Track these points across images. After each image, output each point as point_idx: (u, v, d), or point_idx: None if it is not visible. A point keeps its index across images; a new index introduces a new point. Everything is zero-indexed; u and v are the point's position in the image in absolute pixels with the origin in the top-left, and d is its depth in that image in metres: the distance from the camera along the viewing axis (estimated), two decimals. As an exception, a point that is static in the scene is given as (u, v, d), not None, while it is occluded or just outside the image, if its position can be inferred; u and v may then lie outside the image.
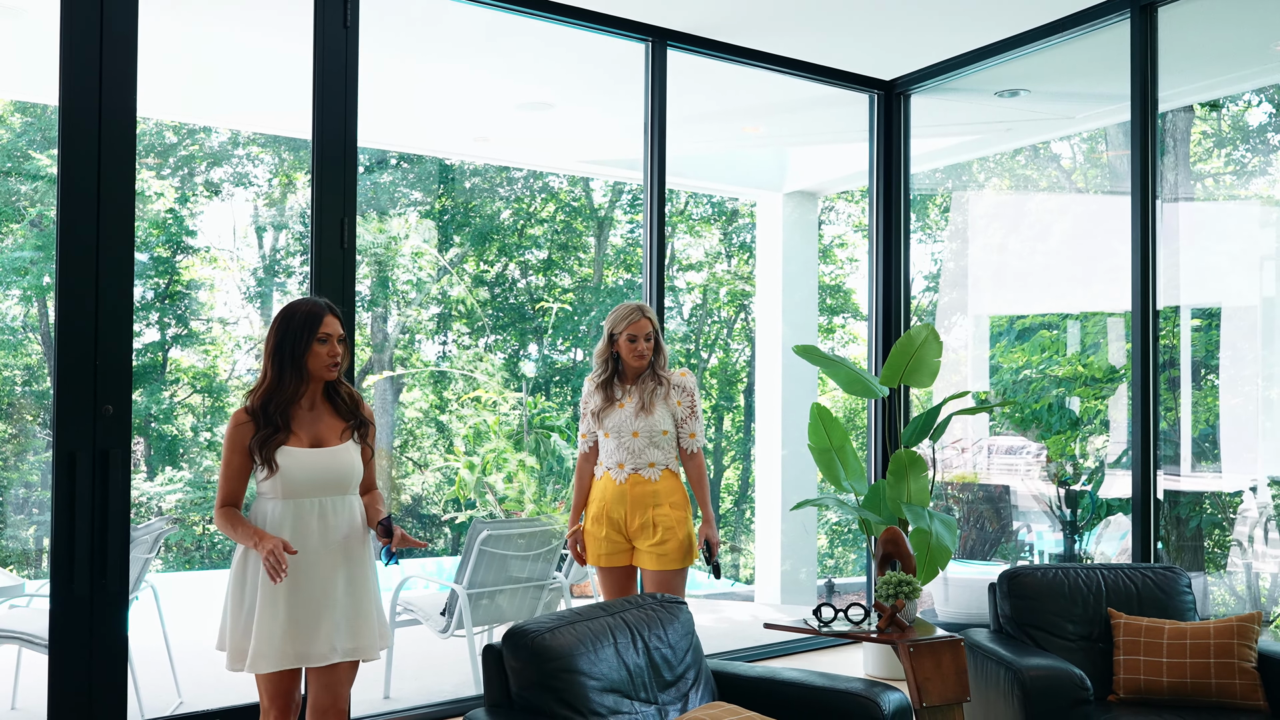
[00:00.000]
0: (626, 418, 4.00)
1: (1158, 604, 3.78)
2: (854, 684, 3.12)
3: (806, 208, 8.39)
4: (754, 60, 5.50)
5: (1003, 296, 8.98)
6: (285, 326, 3.08)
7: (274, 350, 3.07)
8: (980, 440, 8.31)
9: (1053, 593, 3.78)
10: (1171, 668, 3.45)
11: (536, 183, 13.33)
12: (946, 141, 7.30)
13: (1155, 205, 4.69)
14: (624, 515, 4.00)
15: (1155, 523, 4.64)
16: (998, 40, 5.29)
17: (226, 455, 3.07)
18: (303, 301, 3.13)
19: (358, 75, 4.24)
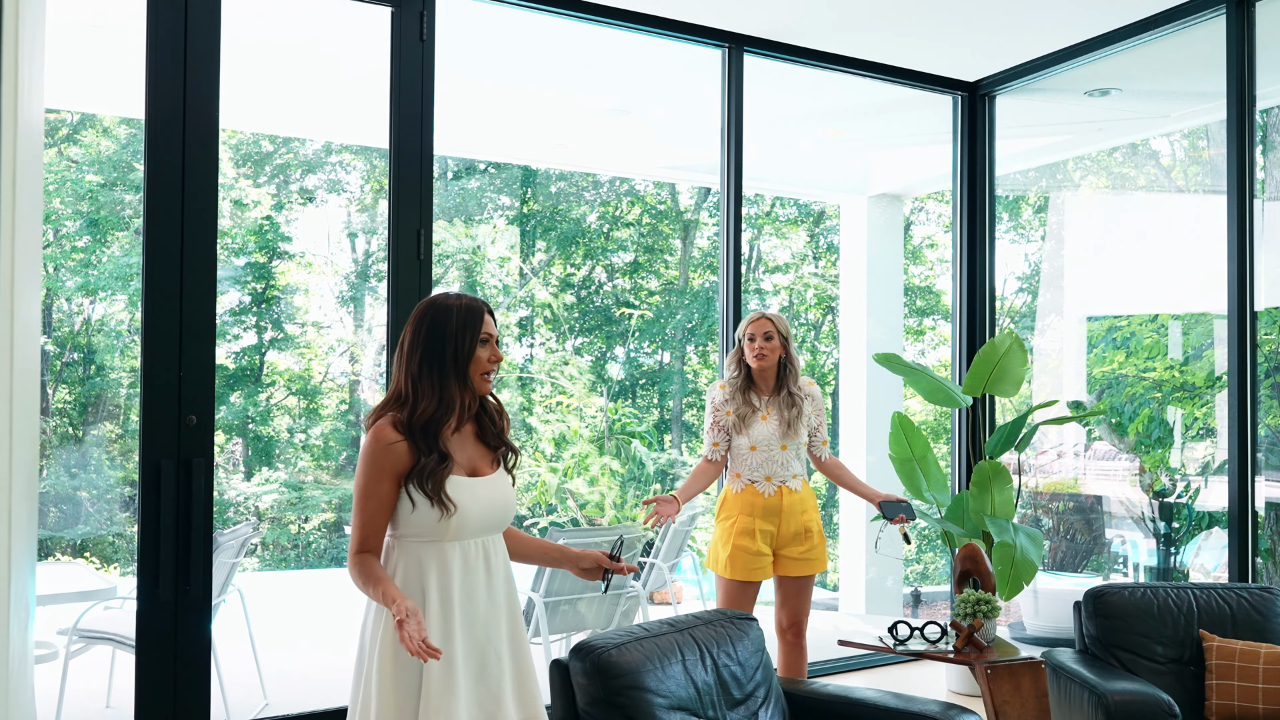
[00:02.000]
0: (772, 432, 4.02)
1: (1254, 626, 3.62)
2: (929, 706, 3.05)
3: (891, 210, 8.26)
4: (832, 64, 5.43)
5: (1100, 298, 8.74)
6: (440, 326, 2.46)
7: (427, 355, 2.44)
8: (1074, 446, 8.10)
9: (1141, 613, 3.64)
10: (1268, 694, 3.31)
11: (622, 186, 13.36)
12: (1036, 142, 7.13)
13: (1252, 204, 4.51)
14: (777, 527, 4.01)
15: (1254, 537, 4.46)
16: (1085, 40, 5.14)
17: (368, 484, 2.37)
18: (451, 296, 2.53)
19: (433, 88, 4.28)
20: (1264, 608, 3.67)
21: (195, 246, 3.82)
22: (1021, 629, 6.67)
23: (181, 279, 3.80)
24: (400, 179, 4.23)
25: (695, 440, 13.46)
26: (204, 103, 3.83)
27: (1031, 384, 8.45)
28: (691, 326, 13.35)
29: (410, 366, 2.45)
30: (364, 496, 2.38)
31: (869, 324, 8.10)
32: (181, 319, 3.80)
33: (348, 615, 7.70)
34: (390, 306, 4.22)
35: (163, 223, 3.77)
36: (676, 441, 13.31)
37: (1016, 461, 5.37)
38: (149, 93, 3.77)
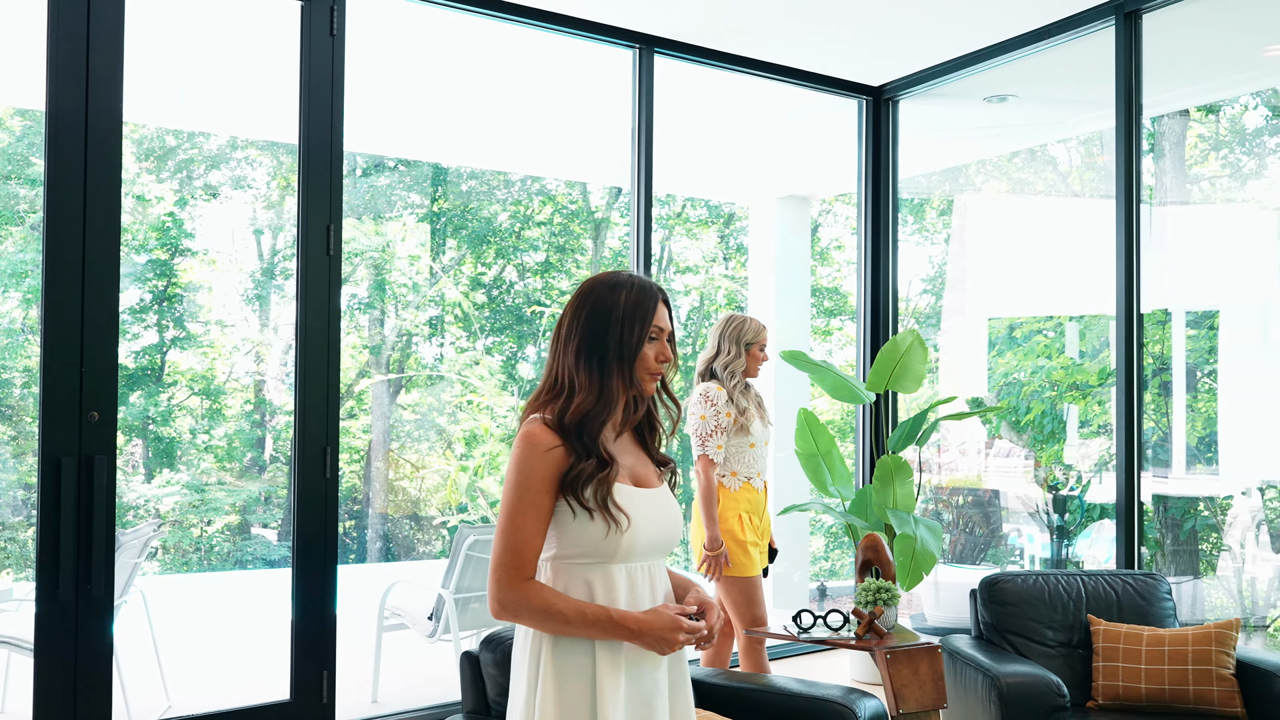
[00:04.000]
0: (763, 430, 4.19)
1: (1138, 611, 3.79)
2: (831, 691, 3.13)
3: (799, 212, 8.41)
4: (742, 66, 5.53)
5: (1001, 299, 9.00)
6: (604, 311, 2.07)
7: (586, 343, 2.06)
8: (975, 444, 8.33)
9: (1033, 599, 3.79)
10: (1150, 675, 3.47)
11: (534, 185, 13.35)
12: (939, 146, 7.32)
13: (1139, 209, 4.71)
14: (762, 520, 4.20)
15: (1140, 527, 4.65)
16: (983, 47, 5.31)
17: (528, 495, 1.98)
18: (622, 275, 2.13)
19: (344, 83, 4.26)
20: (1148, 593, 3.84)
21: (97, 242, 3.75)
22: (923, 620, 6.86)
23: (84, 275, 3.73)
24: (310, 174, 4.20)
25: (606, 439, 13.49)
26: (107, 95, 3.76)
27: (936, 383, 8.68)
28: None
29: (567, 355, 2.07)
30: (519, 511, 1.97)
31: (777, 324, 8.23)
32: (83, 315, 3.73)
33: (251, 617, 7.60)
34: (300, 303, 4.19)
35: (64, 218, 3.70)
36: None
37: (918, 457, 5.52)
38: (50, 84, 3.69)
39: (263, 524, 11.23)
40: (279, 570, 10.06)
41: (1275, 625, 7.08)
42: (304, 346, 4.17)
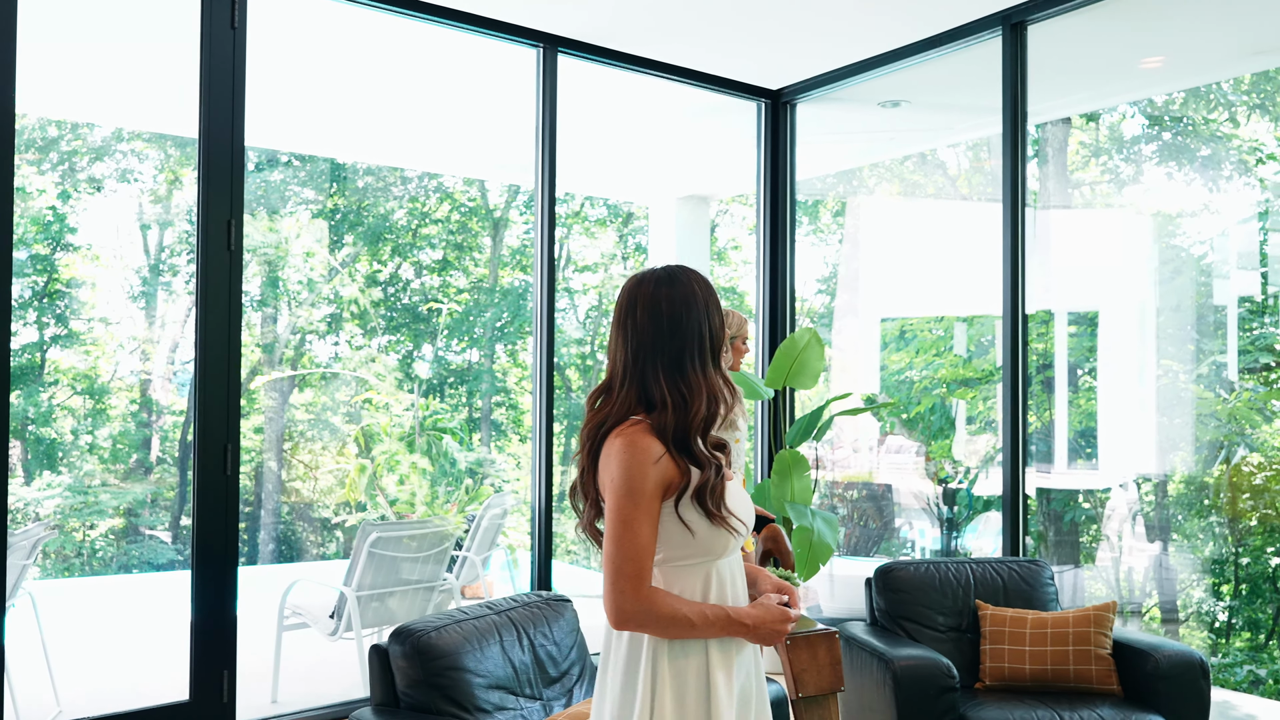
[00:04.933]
0: (744, 425, 4.18)
1: (1023, 596, 3.97)
2: (734, 677, 3.22)
3: (699, 211, 8.53)
4: (644, 67, 5.60)
5: (893, 299, 9.24)
6: (693, 304, 2.03)
7: (689, 341, 2.03)
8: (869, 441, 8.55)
9: (924, 586, 3.94)
10: (1034, 655, 3.64)
11: (431, 183, 13.26)
12: (835, 149, 7.50)
13: (1024, 213, 4.91)
14: None
15: (1024, 518, 4.85)
16: (877, 54, 5.47)
17: (643, 502, 1.93)
18: (675, 269, 2.09)
19: (245, 76, 4.22)
20: (1032, 579, 4.02)
21: (-14, 231, 3.65)
22: (819, 611, 7.02)
23: (-30, 265, 3.63)
24: (210, 168, 4.14)
25: (504, 439, 13.47)
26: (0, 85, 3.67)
27: (830, 381, 8.88)
28: (501, 325, 13.37)
29: (660, 357, 2.00)
30: (636, 519, 1.93)
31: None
32: (-30, 307, 3.63)
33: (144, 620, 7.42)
34: (199, 298, 4.13)
35: (-50, 205, 3.59)
36: (486, 440, 13.29)
37: (815, 453, 5.67)
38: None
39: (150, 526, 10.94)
40: (168, 573, 9.84)
41: (1151, 614, 7.42)
42: (204, 342, 4.11)
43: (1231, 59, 5.80)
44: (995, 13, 4.88)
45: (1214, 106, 8.00)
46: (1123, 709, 3.45)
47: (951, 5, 4.84)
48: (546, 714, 3.02)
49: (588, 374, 14.33)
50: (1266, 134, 7.76)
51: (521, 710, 2.97)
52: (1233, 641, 7.14)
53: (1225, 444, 7.02)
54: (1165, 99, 8.17)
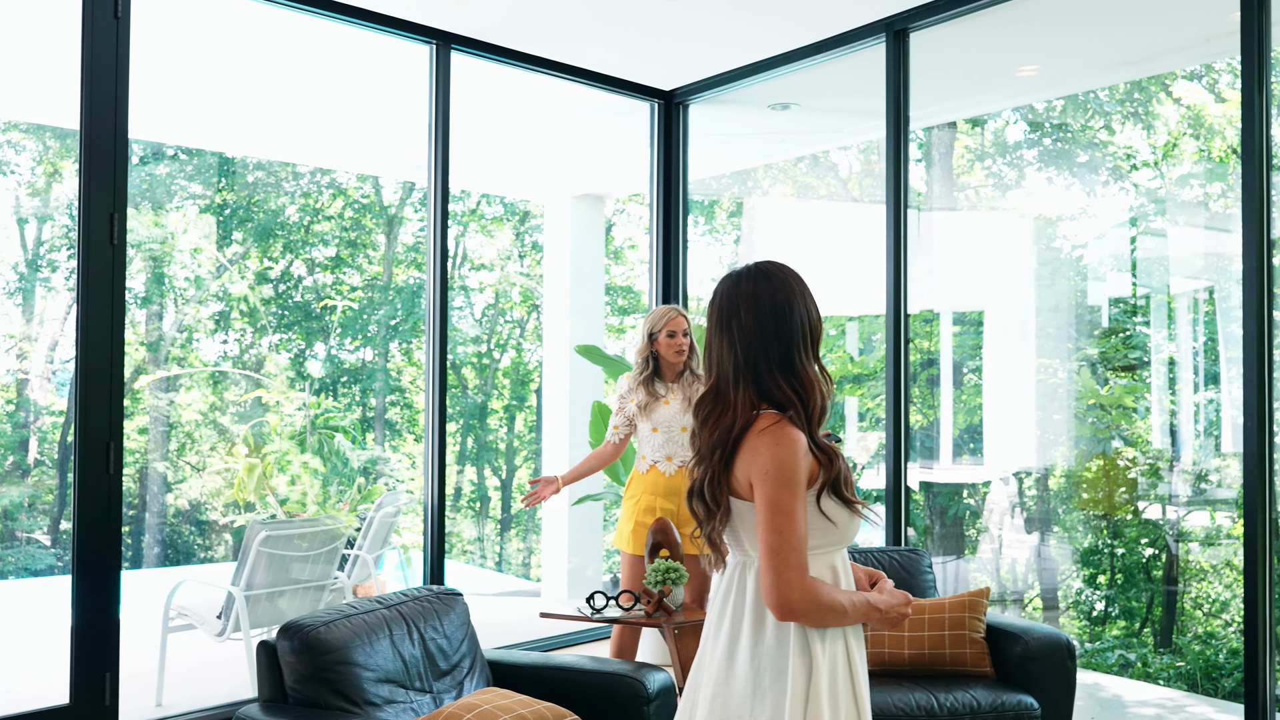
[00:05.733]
0: (675, 414, 4.27)
1: (903, 583, 4.11)
2: (623, 666, 3.28)
3: (594, 210, 8.57)
4: (539, 66, 5.63)
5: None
6: (803, 299, 2.11)
7: (801, 336, 2.07)
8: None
9: (810, 576, 4.05)
10: (912, 640, 3.77)
11: (324, 178, 13.06)
12: (727, 150, 7.62)
13: (907, 215, 5.06)
14: (677, 506, 4.23)
15: (906, 509, 5.01)
16: (767, 57, 5.59)
17: (799, 492, 1.97)
18: (771, 264, 2.15)
19: (129, 67, 4.13)
20: (912, 566, 4.17)
21: None
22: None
23: None
24: (92, 161, 4.05)
25: (399, 438, 13.34)
26: None
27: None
28: (395, 323, 13.24)
29: (771, 357, 2.04)
30: (796, 509, 1.94)
31: (572, 321, 8.37)
32: None
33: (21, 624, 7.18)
34: (80, 295, 4.04)
35: None
36: (380, 439, 13.13)
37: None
38: None
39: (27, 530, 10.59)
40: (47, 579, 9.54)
41: (1033, 603, 7.70)
42: (85, 339, 4.02)
43: (1102, 69, 6.06)
44: (879, 20, 5.03)
45: (1091, 114, 8.32)
46: (995, 690, 3.60)
47: (838, 11, 4.98)
48: (437, 706, 3.04)
49: (484, 373, 14.28)
50: (1140, 141, 8.09)
51: (412, 703, 2.99)
52: (1109, 629, 7.44)
53: (1100, 439, 7.30)
54: (1046, 106, 8.48)
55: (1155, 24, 5.07)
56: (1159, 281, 7.35)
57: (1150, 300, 7.29)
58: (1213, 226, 7.37)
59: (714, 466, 2.05)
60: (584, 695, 3.21)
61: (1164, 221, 7.77)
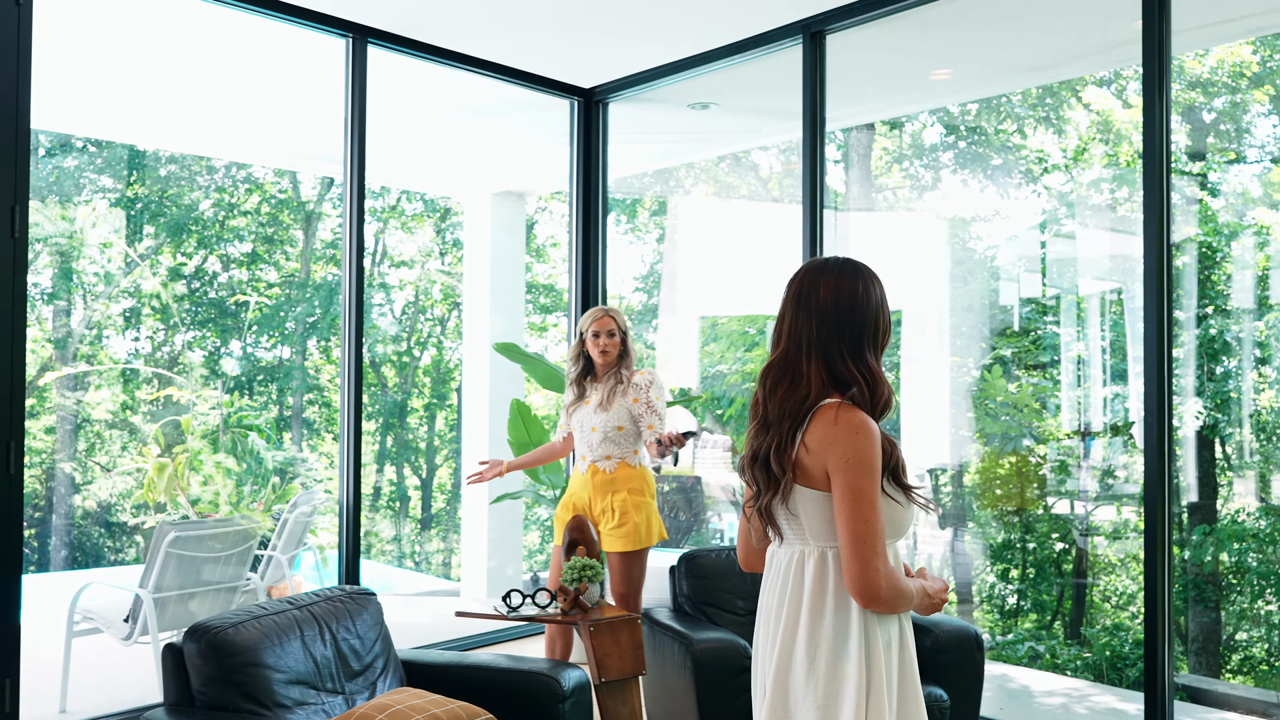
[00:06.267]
0: (587, 414, 4.30)
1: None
2: (539, 664, 3.28)
3: (515, 207, 8.53)
4: (457, 62, 5.58)
5: (711, 297, 9.45)
6: (877, 293, 2.14)
7: (874, 328, 2.11)
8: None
9: (726, 572, 4.08)
10: (827, 635, 3.82)
11: (240, 173, 12.82)
12: (648, 148, 7.63)
13: (823, 215, 5.12)
14: (587, 501, 4.27)
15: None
16: (687, 56, 5.60)
17: (878, 481, 2.00)
18: (850, 264, 2.17)
19: (31, 55, 4.01)
20: (826, 563, 4.21)
21: None
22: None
23: None
24: (-11, 149, 3.92)
25: (317, 437, 13.15)
26: None
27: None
28: (314, 320, 13.05)
29: (843, 339, 2.07)
30: (876, 497, 1.97)
31: (493, 319, 8.32)
32: None
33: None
34: None
35: None
36: (297, 439, 12.94)
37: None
38: None
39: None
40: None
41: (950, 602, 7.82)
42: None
43: (1013, 73, 6.19)
44: (796, 21, 5.07)
45: (1004, 118, 8.50)
46: (907, 682, 3.66)
47: (756, 12, 5.01)
48: (349, 707, 3.00)
49: (404, 371, 14.14)
50: (1051, 146, 8.28)
51: (323, 705, 2.95)
52: (1021, 622, 7.60)
53: (1012, 436, 7.45)
54: (961, 109, 8.63)
55: (1063, 31, 5.19)
56: (1069, 282, 7.52)
57: (1060, 300, 7.46)
58: (1120, 229, 7.56)
59: (783, 434, 2.05)
60: (500, 694, 3.20)
61: (1074, 224, 7.95)
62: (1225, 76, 7.44)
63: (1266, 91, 7.40)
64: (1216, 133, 7.67)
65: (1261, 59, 7.36)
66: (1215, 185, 7.42)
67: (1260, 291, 6.89)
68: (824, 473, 2.00)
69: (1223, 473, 7.07)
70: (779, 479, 2.05)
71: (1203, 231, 7.09)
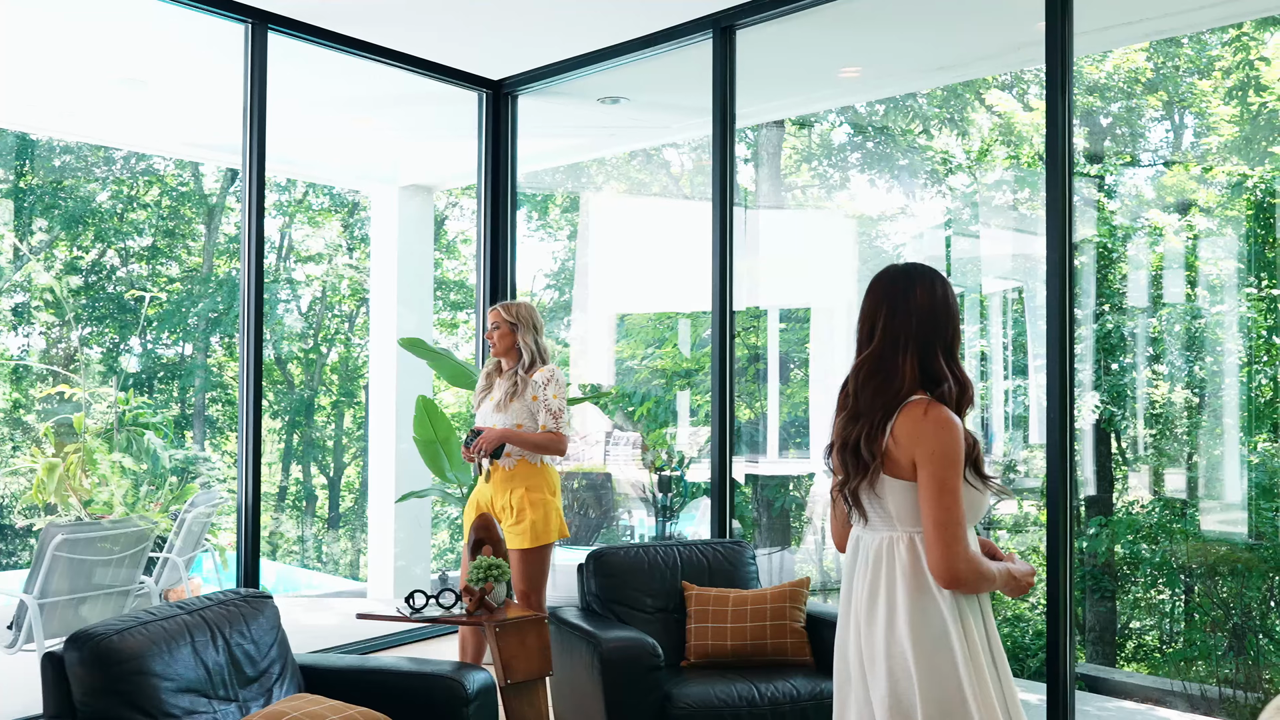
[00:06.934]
0: (487, 411, 4.27)
1: (726, 575, 4.14)
2: (442, 667, 3.20)
3: (422, 202, 8.40)
4: (362, 50, 5.45)
5: (623, 295, 9.43)
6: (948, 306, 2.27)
7: (954, 330, 2.28)
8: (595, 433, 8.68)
9: (635, 570, 4.04)
10: (735, 632, 3.80)
11: (140, 164, 12.46)
12: (558, 143, 7.56)
13: (732, 212, 5.11)
14: (490, 499, 4.23)
15: (731, 501, 5.07)
16: (597, 49, 5.55)
17: (960, 472, 2.17)
18: (932, 269, 2.30)
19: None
20: (734, 559, 4.21)
21: None
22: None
23: None
24: None
25: (220, 436, 12.84)
26: None
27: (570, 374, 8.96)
28: (216, 316, 12.74)
29: (938, 339, 2.24)
30: (959, 487, 2.14)
31: (400, 314, 8.18)
32: None
33: None
34: None
35: None
36: (199, 438, 12.63)
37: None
38: None
39: None
40: None
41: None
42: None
43: (920, 73, 6.26)
44: (707, 15, 5.05)
45: (911, 119, 8.62)
46: (814, 678, 3.66)
47: (666, 6, 4.98)
48: (243, 715, 2.90)
49: (310, 368, 13.88)
50: (956, 147, 8.42)
51: (215, 713, 2.84)
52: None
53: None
54: (869, 109, 8.73)
55: (968, 31, 5.25)
56: (972, 281, 7.65)
57: (964, 299, 7.58)
58: (1021, 229, 7.71)
59: (874, 424, 2.21)
60: (402, 698, 3.12)
61: (977, 224, 8.10)
62: (1121, 82, 7.63)
63: (1160, 97, 7.61)
64: (1113, 137, 7.87)
65: (1155, 65, 7.56)
66: (1111, 188, 7.61)
67: (1153, 290, 7.08)
68: (910, 464, 2.17)
69: (1118, 466, 7.25)
70: (868, 465, 2.21)
71: (1099, 232, 7.26)
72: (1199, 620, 6.07)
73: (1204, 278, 6.93)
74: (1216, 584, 6.19)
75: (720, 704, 3.47)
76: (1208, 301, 6.91)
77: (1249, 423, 6.51)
